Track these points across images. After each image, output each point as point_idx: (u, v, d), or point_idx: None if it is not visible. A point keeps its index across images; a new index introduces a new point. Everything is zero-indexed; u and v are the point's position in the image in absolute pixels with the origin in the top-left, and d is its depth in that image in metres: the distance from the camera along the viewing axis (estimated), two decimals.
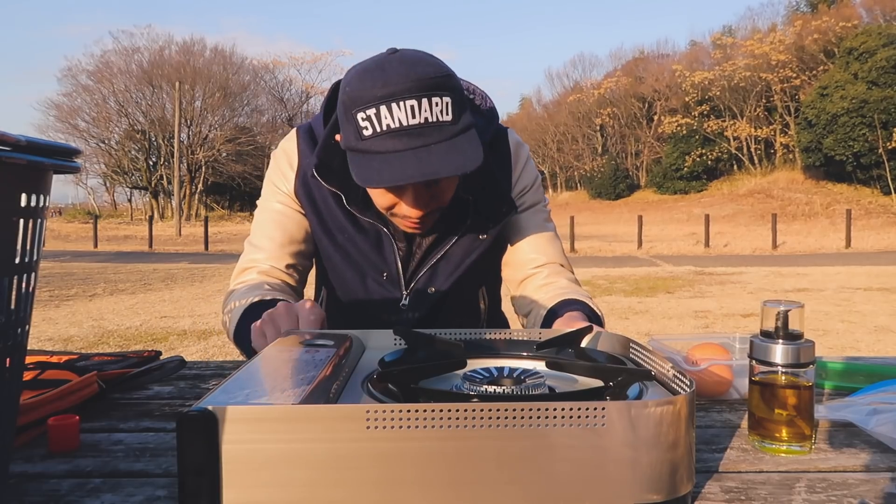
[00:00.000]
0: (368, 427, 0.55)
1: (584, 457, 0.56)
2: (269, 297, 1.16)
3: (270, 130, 43.82)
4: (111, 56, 42.32)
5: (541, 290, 1.30)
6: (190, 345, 5.69)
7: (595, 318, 1.16)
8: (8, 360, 0.54)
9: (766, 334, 0.77)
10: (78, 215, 36.35)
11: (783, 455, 0.74)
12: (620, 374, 0.67)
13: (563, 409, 0.56)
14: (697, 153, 36.52)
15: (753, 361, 0.78)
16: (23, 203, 0.53)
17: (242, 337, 1.10)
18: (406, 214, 1.13)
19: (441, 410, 0.55)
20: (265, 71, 45.16)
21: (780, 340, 0.75)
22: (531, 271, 1.33)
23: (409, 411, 0.55)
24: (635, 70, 46.71)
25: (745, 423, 0.84)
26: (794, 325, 0.76)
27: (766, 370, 0.76)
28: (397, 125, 1.00)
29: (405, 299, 1.27)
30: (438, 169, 1.01)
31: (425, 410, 0.55)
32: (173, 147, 32.42)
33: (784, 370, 0.75)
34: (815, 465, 0.71)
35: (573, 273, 1.37)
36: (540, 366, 0.80)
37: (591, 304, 1.21)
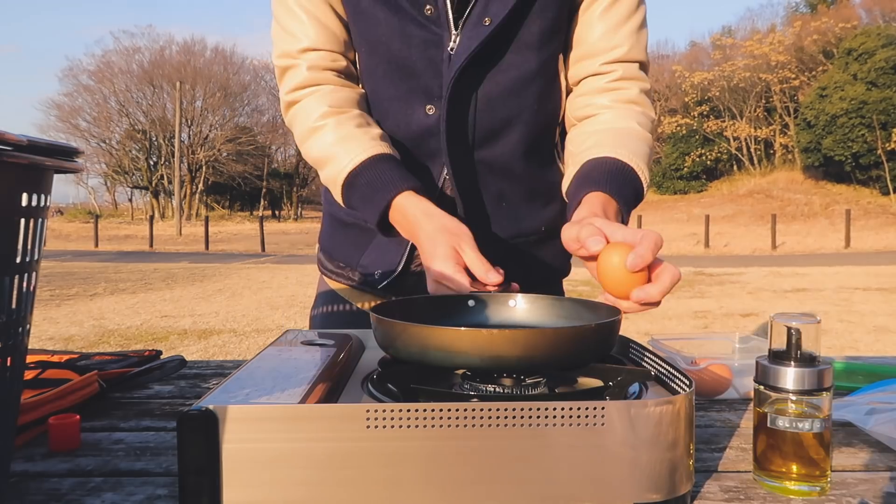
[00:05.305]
0: (369, 426, 0.55)
1: (583, 456, 0.56)
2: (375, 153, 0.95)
3: (271, 130, 43.88)
4: (112, 56, 42.50)
5: (587, 123, 1.01)
6: (190, 344, 5.69)
7: (629, 195, 0.90)
8: (9, 359, 0.54)
9: (777, 355, 0.64)
10: (79, 215, 36.33)
11: (792, 497, 0.62)
12: (620, 374, 0.67)
13: (562, 409, 0.56)
14: (697, 153, 36.46)
15: (761, 387, 0.64)
16: (24, 202, 0.53)
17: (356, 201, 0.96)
18: None
19: (441, 410, 0.55)
20: (265, 71, 45.07)
21: (792, 363, 0.63)
22: (600, 68, 1.02)
23: (409, 411, 0.55)
24: None
25: (744, 423, 0.84)
26: (808, 346, 0.63)
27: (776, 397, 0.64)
28: None
29: (453, 40, 0.97)
30: None
31: (425, 410, 0.55)
32: (174, 147, 32.47)
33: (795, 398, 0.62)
34: None
35: (647, 74, 1.07)
36: None
37: (631, 164, 0.91)
